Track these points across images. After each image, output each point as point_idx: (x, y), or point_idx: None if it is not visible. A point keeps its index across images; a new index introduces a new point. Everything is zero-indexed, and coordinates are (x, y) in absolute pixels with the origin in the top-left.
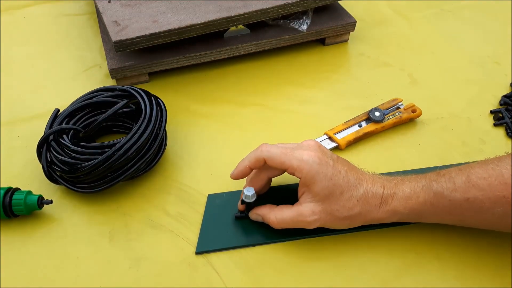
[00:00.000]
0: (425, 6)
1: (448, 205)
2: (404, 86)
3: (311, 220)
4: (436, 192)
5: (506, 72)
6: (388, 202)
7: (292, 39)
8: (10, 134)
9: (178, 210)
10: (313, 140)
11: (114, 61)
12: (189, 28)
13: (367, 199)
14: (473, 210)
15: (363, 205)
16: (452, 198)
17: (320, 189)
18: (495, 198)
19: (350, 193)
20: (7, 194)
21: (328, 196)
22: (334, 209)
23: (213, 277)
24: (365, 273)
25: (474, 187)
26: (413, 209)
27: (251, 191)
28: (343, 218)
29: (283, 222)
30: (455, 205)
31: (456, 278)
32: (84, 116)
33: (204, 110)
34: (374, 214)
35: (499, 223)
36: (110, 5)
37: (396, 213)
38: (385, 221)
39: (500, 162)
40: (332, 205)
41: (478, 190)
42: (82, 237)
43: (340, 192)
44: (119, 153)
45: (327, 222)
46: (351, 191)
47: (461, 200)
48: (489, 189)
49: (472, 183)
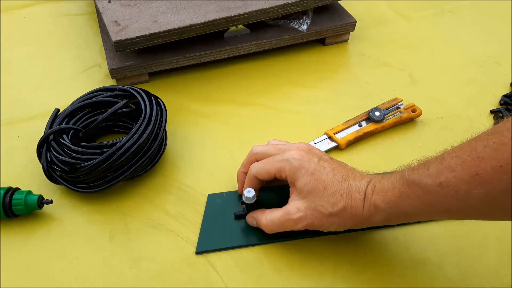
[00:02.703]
0: (425, 6)
1: (422, 194)
2: (404, 86)
3: (296, 217)
4: (408, 180)
5: (506, 72)
6: (368, 197)
7: (292, 39)
8: (10, 134)
9: (178, 210)
10: (305, 143)
11: (114, 61)
12: (189, 28)
13: (350, 193)
14: (451, 196)
15: (347, 199)
16: (424, 185)
17: (303, 184)
18: (468, 178)
19: (334, 188)
20: (7, 194)
21: (311, 192)
22: (319, 204)
23: (213, 277)
24: (365, 273)
25: (446, 169)
26: (391, 203)
27: (251, 193)
28: (329, 214)
29: (272, 223)
30: (430, 193)
31: (456, 278)
32: (84, 116)
33: (204, 110)
34: (360, 210)
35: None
36: (110, 5)
37: (378, 209)
38: (373, 222)
39: (477, 136)
40: (316, 200)
41: (449, 171)
42: (82, 237)
43: (323, 187)
44: (119, 153)
45: (314, 220)
46: (335, 186)
47: (434, 186)
48: (461, 168)
49: (444, 165)
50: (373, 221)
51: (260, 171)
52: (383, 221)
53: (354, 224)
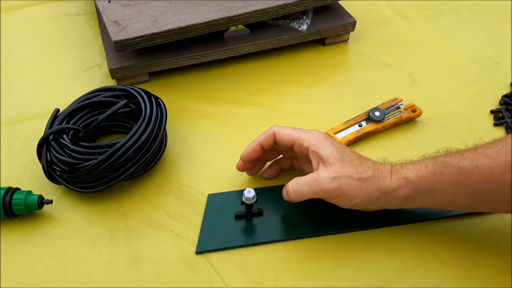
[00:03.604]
0: (425, 6)
1: (457, 174)
2: (404, 86)
3: (326, 181)
4: (444, 161)
5: (506, 72)
6: (398, 171)
7: (292, 39)
8: (10, 134)
9: (178, 210)
10: None
11: (114, 61)
12: (189, 28)
13: (376, 166)
14: (484, 178)
15: (374, 170)
16: (461, 166)
17: (330, 152)
18: (504, 164)
19: (360, 161)
20: (7, 194)
21: (339, 160)
22: (348, 170)
23: (213, 277)
24: (365, 273)
25: (482, 155)
26: (423, 178)
27: (251, 193)
28: (358, 179)
29: (299, 188)
30: (465, 174)
31: (456, 278)
32: (84, 116)
33: (204, 110)
34: (387, 181)
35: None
36: (110, 5)
37: (407, 181)
38: (397, 197)
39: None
40: (344, 167)
41: (486, 158)
42: (82, 237)
43: (350, 159)
44: (119, 153)
45: (343, 184)
46: (360, 160)
47: (471, 168)
48: (497, 156)
49: (479, 153)
50: (398, 195)
51: (281, 130)
52: (407, 198)
53: (380, 196)
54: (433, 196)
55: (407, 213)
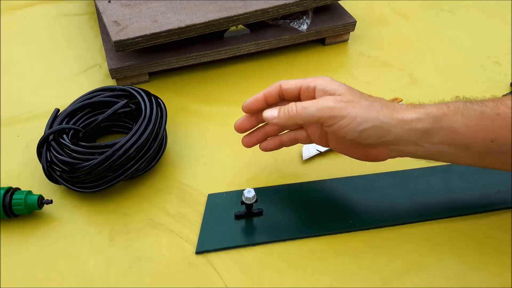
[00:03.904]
0: (425, 6)
1: (480, 117)
2: (404, 86)
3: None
4: (466, 104)
5: (506, 72)
6: (417, 106)
7: (292, 39)
8: (10, 134)
9: (178, 210)
10: None
11: (114, 61)
12: (189, 28)
13: (392, 102)
14: (505, 126)
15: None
16: (482, 111)
17: (337, 85)
18: None
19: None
20: (7, 194)
21: (346, 91)
22: (357, 96)
23: (213, 276)
24: (365, 273)
25: (503, 105)
26: (445, 115)
27: (251, 193)
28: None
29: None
30: (487, 119)
31: (456, 278)
32: (84, 116)
33: (204, 110)
34: (405, 111)
35: None
36: (110, 5)
37: (429, 115)
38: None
39: None
40: (354, 94)
41: (506, 108)
42: (82, 237)
43: (360, 92)
44: (119, 153)
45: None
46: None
47: (492, 114)
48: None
49: (500, 103)
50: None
51: (288, 80)
52: (426, 131)
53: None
54: (452, 136)
55: (407, 213)
